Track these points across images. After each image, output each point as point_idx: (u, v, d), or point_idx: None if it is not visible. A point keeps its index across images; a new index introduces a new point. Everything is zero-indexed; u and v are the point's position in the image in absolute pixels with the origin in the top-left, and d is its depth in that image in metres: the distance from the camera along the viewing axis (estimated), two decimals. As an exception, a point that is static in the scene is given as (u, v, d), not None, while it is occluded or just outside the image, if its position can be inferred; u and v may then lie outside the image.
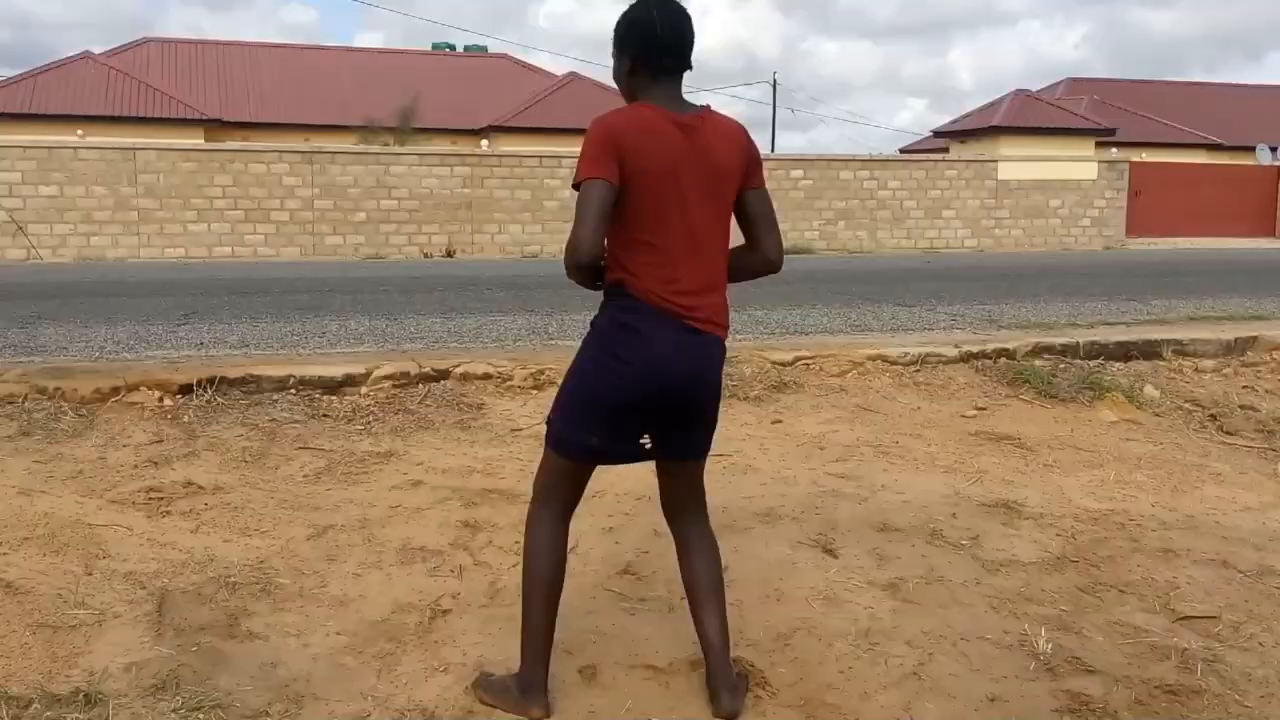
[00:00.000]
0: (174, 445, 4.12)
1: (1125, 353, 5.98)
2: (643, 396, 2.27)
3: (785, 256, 2.44)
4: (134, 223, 16.15)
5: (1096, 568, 3.25)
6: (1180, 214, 22.44)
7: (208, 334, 6.58)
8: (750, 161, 2.33)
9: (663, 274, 2.24)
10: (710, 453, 2.50)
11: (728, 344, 2.42)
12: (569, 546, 2.57)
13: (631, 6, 2.32)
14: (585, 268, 2.20)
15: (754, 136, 2.41)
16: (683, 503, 2.49)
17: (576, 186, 2.20)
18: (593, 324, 2.35)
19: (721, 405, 2.47)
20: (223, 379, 4.70)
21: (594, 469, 2.44)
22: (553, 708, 2.39)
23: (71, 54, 27.17)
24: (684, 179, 2.23)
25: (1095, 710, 2.41)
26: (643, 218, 2.23)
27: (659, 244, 2.24)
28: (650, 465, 2.50)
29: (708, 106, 2.34)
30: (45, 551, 3.12)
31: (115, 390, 4.53)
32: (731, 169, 2.29)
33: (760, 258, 2.39)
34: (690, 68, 2.33)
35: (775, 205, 2.46)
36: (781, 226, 2.44)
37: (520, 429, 4.51)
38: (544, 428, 2.45)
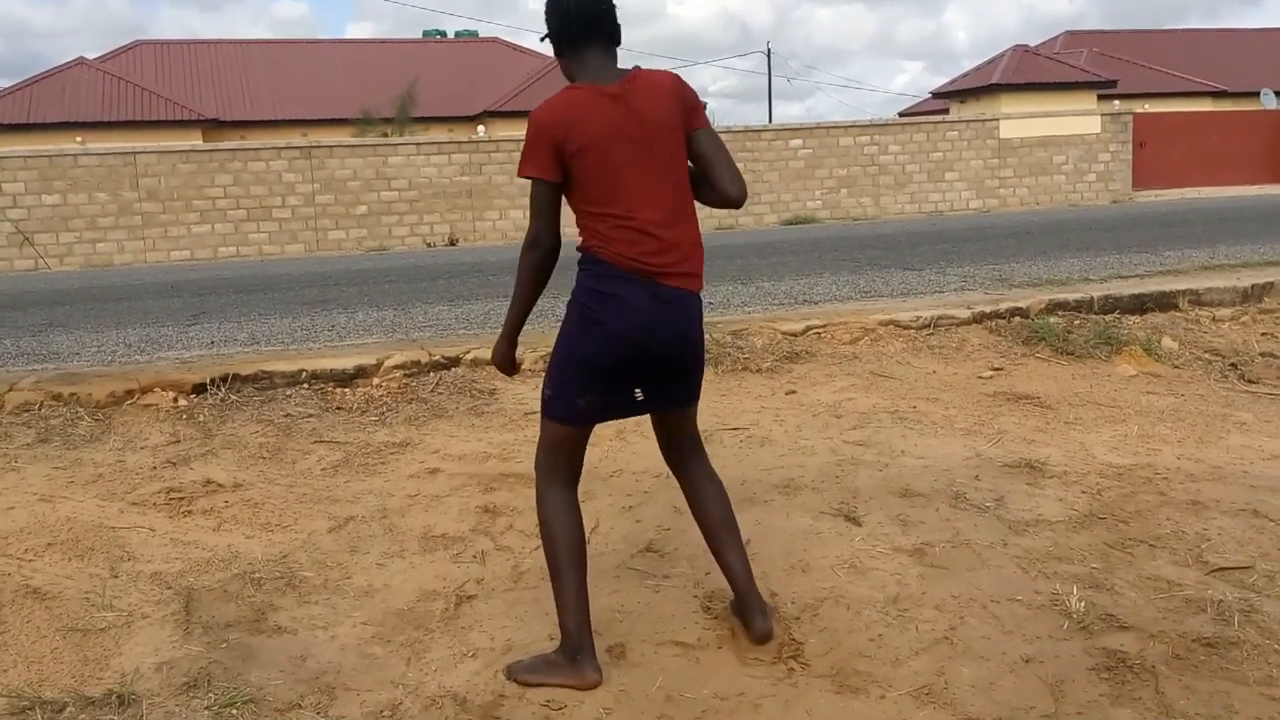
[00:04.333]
0: (191, 445, 4.12)
1: (1140, 305, 5.93)
2: (627, 357, 2.35)
3: (789, 226, 2.45)
4: (138, 227, 16.15)
5: (1125, 523, 3.22)
6: (1187, 164, 22.18)
7: (218, 333, 6.58)
8: (687, 107, 2.37)
9: (629, 237, 2.30)
10: (725, 426, 2.49)
11: (733, 316, 2.43)
12: (590, 528, 2.57)
13: None
14: (547, 256, 2.36)
15: (750, 107, 2.46)
16: (681, 445, 2.56)
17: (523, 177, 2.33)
18: (573, 292, 2.41)
19: (734, 378, 2.45)
20: (235, 376, 4.70)
21: (591, 431, 2.49)
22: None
23: (66, 61, 27.11)
24: (623, 146, 2.29)
25: (1132, 666, 2.39)
26: (596, 191, 2.30)
27: (617, 213, 2.30)
28: None
29: (636, 68, 2.37)
30: (70, 556, 3.12)
31: (130, 393, 4.54)
32: (669, 121, 2.34)
33: (719, 196, 2.42)
34: (616, 38, 2.37)
35: (776, 176, 2.47)
36: (783, 197, 2.45)
37: (533, 412, 4.48)
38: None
